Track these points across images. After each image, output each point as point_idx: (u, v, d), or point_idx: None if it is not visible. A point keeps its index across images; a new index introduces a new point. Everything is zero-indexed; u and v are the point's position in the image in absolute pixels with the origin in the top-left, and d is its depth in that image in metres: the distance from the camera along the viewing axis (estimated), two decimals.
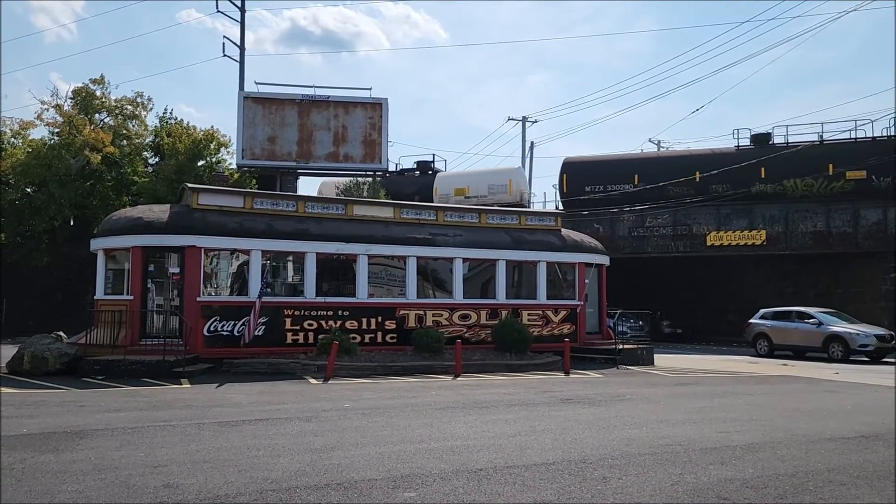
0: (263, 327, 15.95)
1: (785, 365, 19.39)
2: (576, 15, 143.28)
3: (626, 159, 33.50)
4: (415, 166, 37.62)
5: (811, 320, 22.60)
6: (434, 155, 39.17)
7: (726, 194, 29.43)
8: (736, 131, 31.52)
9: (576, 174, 32.92)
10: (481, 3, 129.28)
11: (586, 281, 19.75)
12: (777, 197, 28.94)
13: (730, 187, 29.31)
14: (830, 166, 27.97)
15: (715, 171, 29.44)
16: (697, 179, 29.77)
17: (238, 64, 33.29)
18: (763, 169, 28.80)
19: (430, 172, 36.66)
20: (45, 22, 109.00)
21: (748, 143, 30.62)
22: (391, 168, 37.20)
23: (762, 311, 24.48)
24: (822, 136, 29.28)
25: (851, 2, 66.86)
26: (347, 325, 16.76)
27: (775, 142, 29.95)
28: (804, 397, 12.31)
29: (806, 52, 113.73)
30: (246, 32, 33.61)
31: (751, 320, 24.58)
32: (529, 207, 35.17)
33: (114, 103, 33.21)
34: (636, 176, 31.15)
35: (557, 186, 34.08)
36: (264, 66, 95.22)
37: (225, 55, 33.35)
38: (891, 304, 26.77)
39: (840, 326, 22.05)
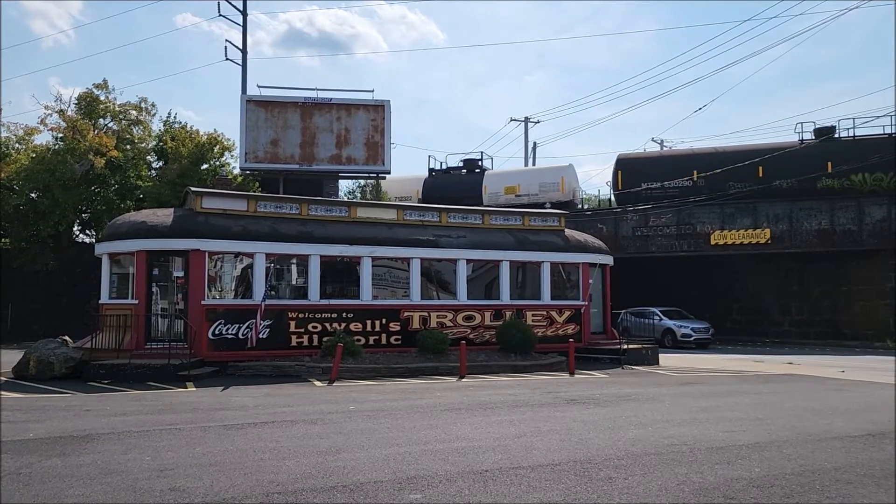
0: (268, 330, 15.98)
1: (790, 364, 19.33)
2: (576, 14, 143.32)
3: (684, 154, 32.70)
4: (461, 165, 37.06)
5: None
6: (482, 153, 38.46)
7: (790, 189, 28.75)
8: (800, 125, 30.63)
9: (631, 170, 32.27)
10: (479, 3, 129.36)
11: (590, 281, 19.74)
12: (843, 192, 28.16)
13: (794, 182, 28.69)
14: None
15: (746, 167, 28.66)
16: (760, 174, 29.14)
17: (240, 67, 33.37)
18: (830, 163, 28.22)
19: (476, 171, 36.19)
20: (41, 26, 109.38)
21: (811, 137, 29.83)
22: (436, 167, 37.02)
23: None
24: (892, 131, 28.49)
25: (852, 0, 66.69)
26: (352, 327, 16.78)
27: (840, 135, 29.30)
28: (810, 396, 12.27)
29: (806, 50, 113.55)
30: (241, 36, 33.69)
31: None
32: (580, 206, 34.67)
33: (118, 108, 33.29)
34: (695, 171, 30.55)
35: (611, 183, 33.60)
36: (263, 70, 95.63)
37: (227, 59, 33.44)
38: (895, 302, 26.69)
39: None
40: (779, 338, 30.05)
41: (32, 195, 30.34)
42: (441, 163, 37.60)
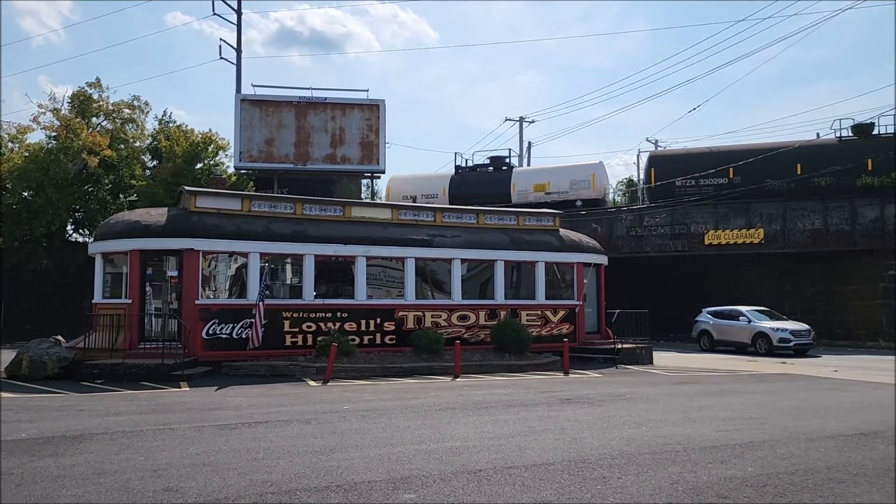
0: (262, 330, 15.94)
1: (784, 363, 19.39)
2: (570, 15, 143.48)
3: (719, 151, 31.60)
4: (488, 162, 36.69)
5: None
6: (510, 150, 37.91)
7: (829, 187, 28.26)
8: (838, 122, 29.68)
9: (665, 168, 31.52)
10: (472, 3, 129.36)
11: (585, 281, 19.76)
12: (876, 190, 27.56)
13: (833, 180, 28.26)
14: None
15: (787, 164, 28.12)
16: (798, 172, 28.64)
17: (234, 66, 33.33)
18: (870, 161, 27.75)
19: (504, 168, 35.82)
20: (31, 25, 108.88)
21: (849, 134, 29.18)
22: (462, 164, 36.82)
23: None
24: None
25: (846, 1, 66.93)
26: (346, 326, 16.75)
27: (880, 132, 28.84)
28: (803, 395, 12.32)
29: (800, 51, 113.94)
30: (233, 35, 33.65)
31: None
32: (611, 203, 34.27)
33: (111, 107, 33.19)
34: (731, 169, 29.92)
35: (643, 181, 33.06)
36: (255, 69, 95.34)
37: (222, 58, 33.40)
38: (888, 302, 26.82)
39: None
40: None
41: (25, 194, 30.22)
42: (466, 160, 37.33)
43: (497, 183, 34.42)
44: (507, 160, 36.59)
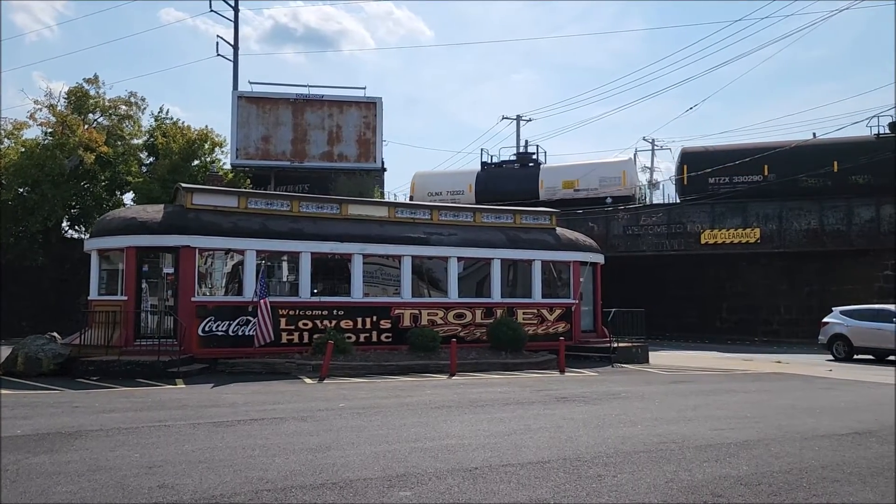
0: (271, 325, 15.86)
1: (779, 362, 19.44)
2: (566, 14, 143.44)
3: (754, 149, 30.39)
4: (514, 158, 36.27)
5: None
6: (537, 146, 37.09)
7: (865, 185, 27.84)
8: (877, 118, 29.17)
9: (697, 165, 30.66)
10: (468, 2, 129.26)
11: (581, 279, 19.78)
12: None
13: (871, 178, 27.83)
14: None
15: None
16: (835, 170, 28.16)
17: (230, 63, 33.26)
18: None
19: (530, 165, 35.37)
20: (24, 20, 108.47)
21: (887, 131, 28.64)
22: (487, 160, 36.61)
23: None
24: None
25: (843, 1, 67.05)
26: (342, 324, 16.75)
27: None
28: (798, 394, 12.35)
29: (797, 51, 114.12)
30: (229, 32, 33.61)
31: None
32: (640, 201, 33.78)
33: (108, 103, 33.09)
34: (766, 167, 29.45)
35: (675, 179, 32.49)
36: (250, 66, 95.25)
37: (219, 55, 33.32)
38: (884, 302, 26.88)
39: None
40: (768, 337, 30.21)
41: (21, 190, 30.11)
42: (491, 156, 37.09)
43: (524, 179, 33.95)
44: (535, 156, 35.99)
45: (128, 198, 32.64)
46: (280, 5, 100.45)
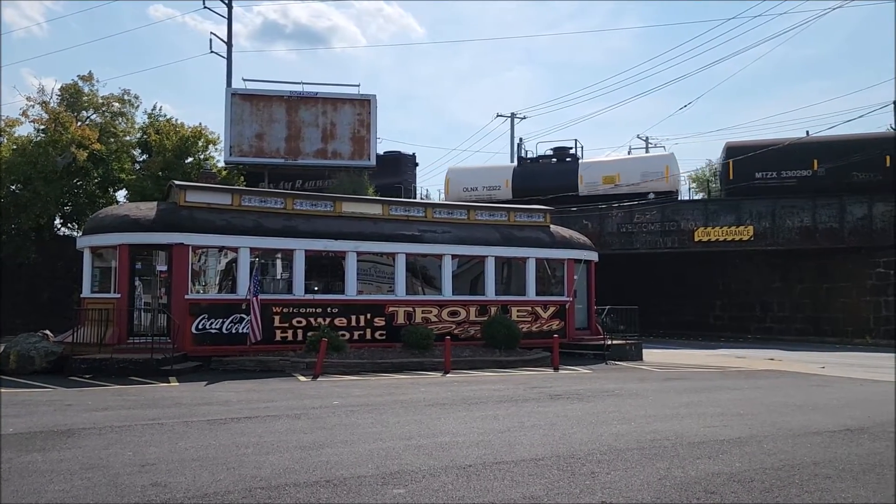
0: (260, 323, 15.83)
1: (772, 360, 19.51)
2: (561, 12, 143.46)
3: (802, 143, 29.91)
4: (551, 153, 35.69)
5: None
6: (576, 140, 36.62)
7: None
8: None
9: (743, 160, 29.93)
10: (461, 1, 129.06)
11: (575, 277, 19.80)
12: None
13: None
14: None
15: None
16: (888, 164, 27.83)
17: (224, 60, 33.15)
18: None
19: (568, 160, 34.89)
20: (12, 16, 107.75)
21: None
22: (524, 155, 36.18)
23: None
24: None
25: (835, 0, 67.28)
26: (336, 322, 16.73)
27: None
28: (791, 392, 12.39)
29: (790, 49, 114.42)
30: (220, 29, 33.45)
31: None
32: (679, 197, 33.24)
33: (101, 100, 32.94)
34: (815, 161, 28.91)
35: (720, 174, 31.95)
36: (241, 63, 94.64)
37: (212, 51, 33.22)
38: (876, 299, 27.04)
39: None
40: (761, 334, 30.35)
41: (13, 187, 29.96)
42: (527, 151, 36.65)
43: (562, 174, 33.44)
44: (573, 151, 35.36)
45: (121, 195, 32.48)
46: (269, 3, 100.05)
